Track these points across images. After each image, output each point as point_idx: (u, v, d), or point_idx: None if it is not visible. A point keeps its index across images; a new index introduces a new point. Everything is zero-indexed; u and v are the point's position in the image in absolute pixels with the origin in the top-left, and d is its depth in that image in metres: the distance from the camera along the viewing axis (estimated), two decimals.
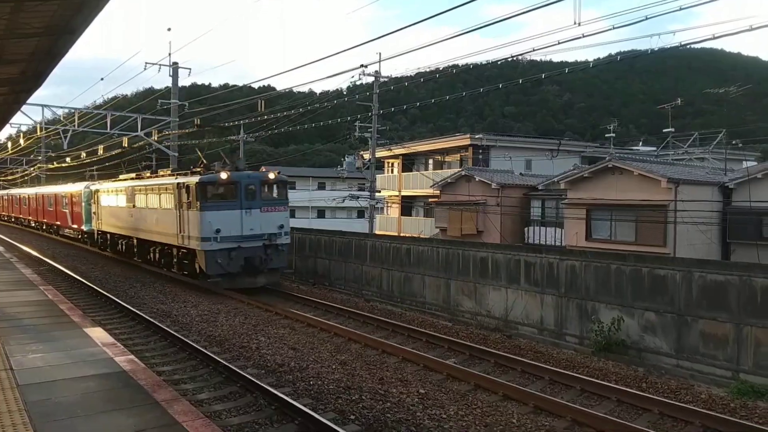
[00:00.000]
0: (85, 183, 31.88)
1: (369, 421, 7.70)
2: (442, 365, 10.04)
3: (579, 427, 7.59)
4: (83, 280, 18.38)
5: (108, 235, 26.14)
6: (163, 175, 20.62)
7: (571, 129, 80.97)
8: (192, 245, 16.82)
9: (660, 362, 10.94)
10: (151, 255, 20.78)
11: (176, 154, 28.80)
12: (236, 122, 28.63)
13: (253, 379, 8.81)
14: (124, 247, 23.93)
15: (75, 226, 31.72)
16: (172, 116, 27.92)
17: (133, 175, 24.84)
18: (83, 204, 29.33)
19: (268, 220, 16.92)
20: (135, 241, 22.27)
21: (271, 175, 17.27)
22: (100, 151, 40.31)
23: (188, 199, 16.80)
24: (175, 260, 18.67)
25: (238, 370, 9.24)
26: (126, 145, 33.85)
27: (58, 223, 35.60)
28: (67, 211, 32.99)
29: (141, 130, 28.64)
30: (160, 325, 12.43)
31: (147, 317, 13.18)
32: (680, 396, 8.93)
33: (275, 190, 17.65)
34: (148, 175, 22.59)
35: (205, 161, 18.66)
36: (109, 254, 26.61)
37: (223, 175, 16.37)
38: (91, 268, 22.83)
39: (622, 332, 11.58)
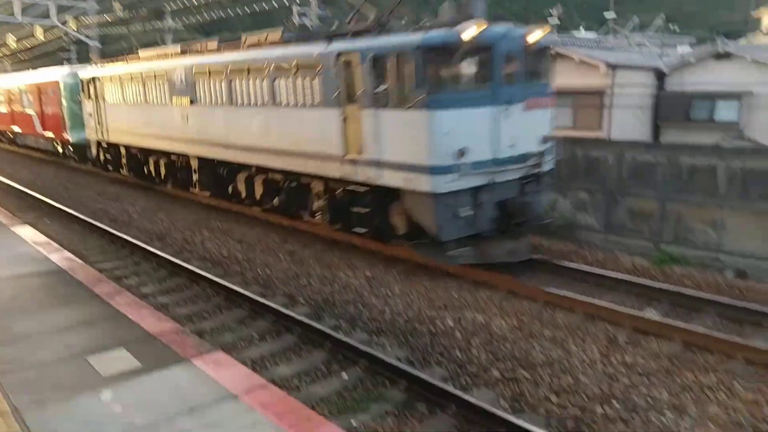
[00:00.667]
0: (66, 69, 22.13)
1: (318, 302, 7.98)
2: (389, 248, 10.31)
3: (512, 295, 8.15)
4: (9, 182, 17.36)
5: (124, 150, 17.27)
6: (263, 44, 11.20)
7: (515, 15, 79.21)
8: (394, 181, 8.64)
9: (591, 238, 11.70)
10: (242, 187, 12.49)
11: (99, 44, 26.49)
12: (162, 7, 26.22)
13: (198, 270, 8.84)
14: (162, 169, 15.48)
15: (50, 134, 22.16)
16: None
17: (175, 49, 14.48)
18: (64, 102, 20.31)
19: (530, 126, 8.89)
20: (195, 162, 13.94)
21: (537, 34, 8.86)
22: (12, 44, 36.39)
23: (380, 85, 8.50)
24: (320, 202, 10.53)
25: (182, 263, 9.23)
26: (42, 37, 30.71)
27: (17, 129, 25.94)
28: (33, 113, 23.41)
29: (56, 17, 25.90)
30: (96, 223, 12.08)
31: (82, 216, 12.72)
32: (606, 266, 9.63)
33: (539, 65, 9.30)
34: (215, 46, 12.84)
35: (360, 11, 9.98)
36: (128, 178, 17.97)
37: (471, 31, 7.83)
38: (18, 169, 21.53)
39: (556, 212, 12.20)
